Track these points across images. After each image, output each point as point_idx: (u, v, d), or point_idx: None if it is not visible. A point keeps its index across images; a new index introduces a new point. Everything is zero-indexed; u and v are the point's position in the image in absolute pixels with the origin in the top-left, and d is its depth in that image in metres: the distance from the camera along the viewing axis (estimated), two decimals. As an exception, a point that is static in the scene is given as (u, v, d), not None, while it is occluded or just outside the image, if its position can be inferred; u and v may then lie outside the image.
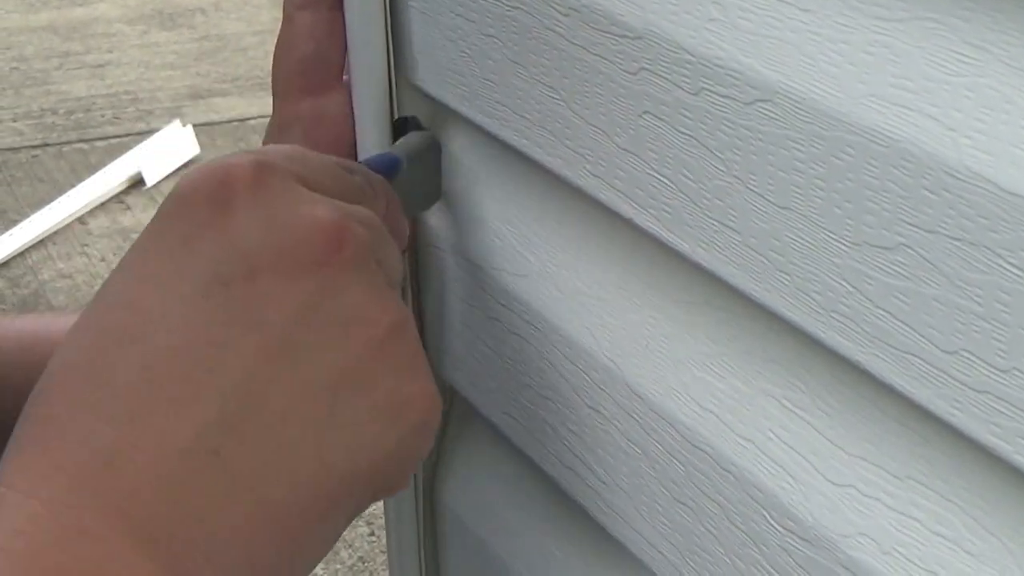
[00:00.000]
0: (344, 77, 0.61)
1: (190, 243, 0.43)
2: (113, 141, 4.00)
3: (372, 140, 0.60)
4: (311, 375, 0.43)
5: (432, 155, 0.60)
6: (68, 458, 0.39)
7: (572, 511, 0.58)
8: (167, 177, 3.75)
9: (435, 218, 0.63)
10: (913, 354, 0.38)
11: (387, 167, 0.55)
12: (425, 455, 0.46)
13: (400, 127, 0.61)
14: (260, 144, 0.62)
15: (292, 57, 0.61)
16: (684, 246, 0.47)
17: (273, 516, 0.41)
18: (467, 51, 0.56)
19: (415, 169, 0.57)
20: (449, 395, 0.68)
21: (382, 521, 2.00)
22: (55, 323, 0.67)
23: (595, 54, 0.48)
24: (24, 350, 0.65)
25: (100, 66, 4.52)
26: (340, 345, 0.44)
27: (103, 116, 4.17)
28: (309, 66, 0.61)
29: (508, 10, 0.52)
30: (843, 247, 0.40)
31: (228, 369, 0.41)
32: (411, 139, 0.59)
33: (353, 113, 0.61)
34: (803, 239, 0.41)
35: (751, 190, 0.43)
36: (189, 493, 0.40)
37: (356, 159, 0.61)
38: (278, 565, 0.42)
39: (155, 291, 0.42)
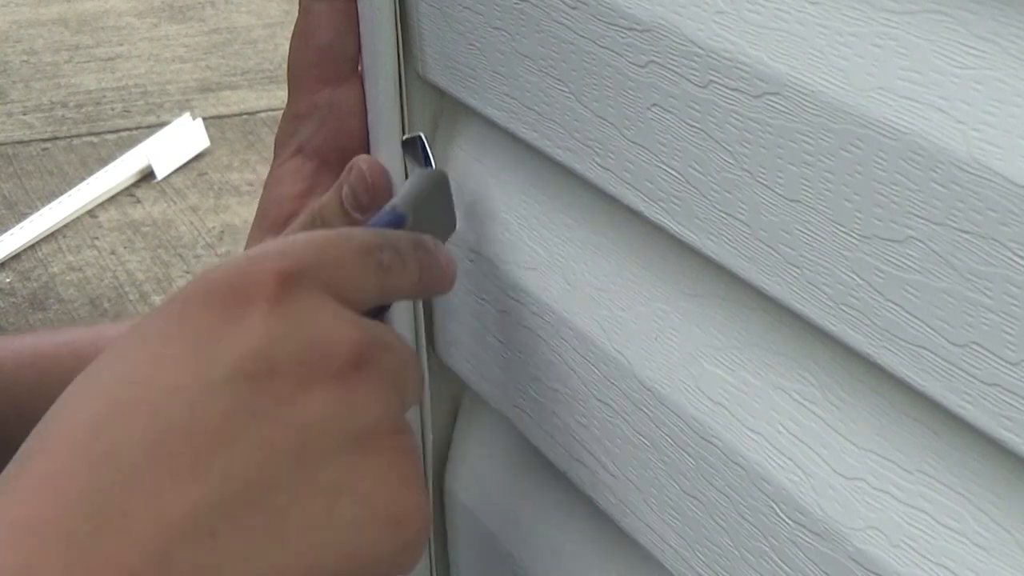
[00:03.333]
0: (360, 68, 0.61)
1: (211, 335, 0.43)
2: (123, 134, 4.01)
3: (383, 132, 0.60)
4: (315, 478, 0.43)
5: (441, 191, 0.58)
6: (57, 521, 0.40)
7: (581, 504, 0.58)
8: (177, 170, 3.75)
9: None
10: (923, 347, 0.38)
11: (393, 225, 0.54)
12: (411, 567, 0.47)
13: (408, 147, 0.60)
14: (271, 138, 0.62)
15: (310, 47, 0.61)
16: (694, 239, 0.47)
17: None
18: (475, 44, 0.56)
19: (425, 211, 0.56)
20: (458, 388, 0.68)
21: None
22: (51, 340, 0.67)
23: (603, 47, 0.48)
24: (22, 367, 0.65)
25: (110, 59, 4.53)
26: (347, 456, 0.44)
27: (113, 109, 4.18)
28: (327, 56, 0.61)
29: (516, 3, 0.52)
30: (852, 240, 0.40)
31: (236, 457, 0.42)
32: (415, 183, 0.57)
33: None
34: (812, 232, 0.41)
35: (760, 183, 0.43)
36: (176, 571, 0.40)
37: (369, 151, 0.61)
38: None
39: (175, 372, 0.43)
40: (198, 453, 0.41)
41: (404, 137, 0.60)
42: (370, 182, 0.58)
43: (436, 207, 0.57)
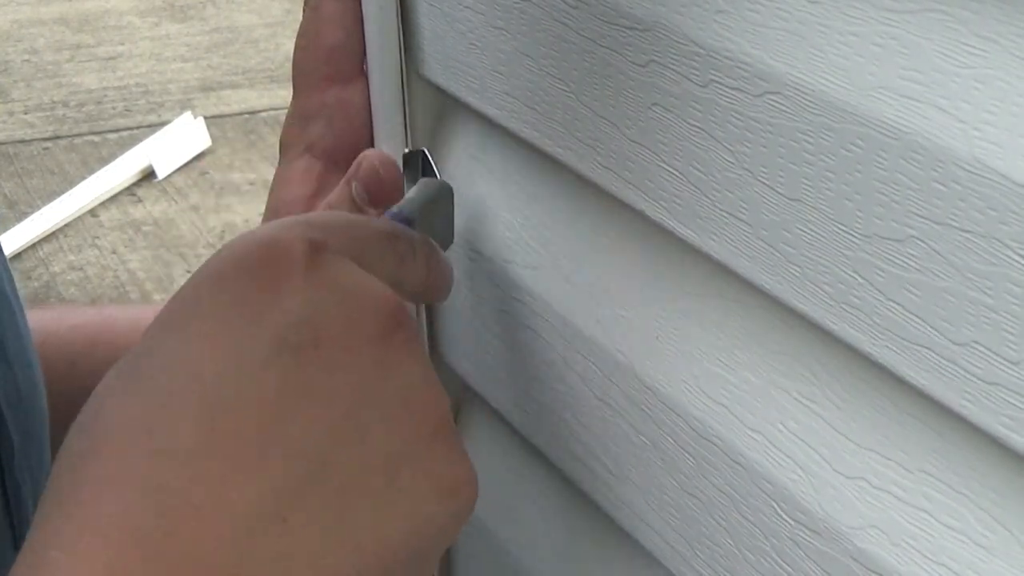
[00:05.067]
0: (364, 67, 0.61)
1: (250, 309, 0.42)
2: (124, 133, 4.01)
3: (385, 132, 0.60)
4: (372, 449, 0.42)
5: (445, 203, 0.58)
6: (127, 523, 0.39)
7: (582, 503, 0.58)
8: (178, 169, 3.76)
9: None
10: (924, 346, 0.38)
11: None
12: (455, 540, 0.46)
13: (410, 161, 0.60)
14: (272, 137, 0.62)
15: (319, 46, 0.60)
16: (695, 238, 0.47)
17: None
18: (476, 43, 0.56)
19: (429, 218, 0.56)
20: (458, 388, 0.68)
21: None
22: (57, 322, 0.67)
23: (604, 46, 0.48)
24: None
25: (111, 58, 4.53)
26: (400, 422, 0.43)
27: (114, 108, 4.18)
28: (336, 55, 0.60)
29: (517, 2, 0.52)
30: (853, 239, 0.40)
31: (294, 437, 0.41)
32: (423, 190, 0.57)
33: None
34: (813, 231, 0.41)
35: (761, 182, 0.43)
36: (254, 560, 0.39)
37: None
38: None
39: (218, 356, 0.42)
40: (256, 438, 0.40)
41: (406, 151, 0.60)
42: (382, 176, 0.57)
43: (439, 218, 0.57)
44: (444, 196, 0.58)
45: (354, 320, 0.43)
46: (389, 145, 0.61)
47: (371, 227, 0.48)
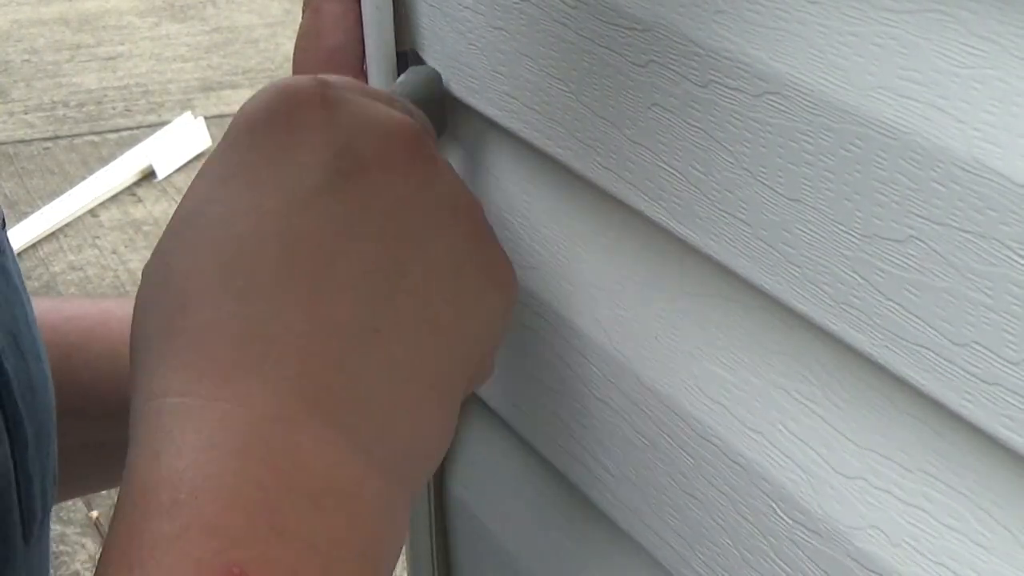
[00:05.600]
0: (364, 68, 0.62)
1: (291, 149, 0.44)
2: (124, 133, 4.01)
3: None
4: (436, 253, 0.45)
5: (433, 88, 0.60)
6: (237, 355, 0.41)
7: (581, 503, 0.58)
8: (178, 169, 3.75)
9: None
10: (924, 346, 0.38)
11: None
12: (506, 332, 0.50)
13: (400, 62, 0.61)
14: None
15: (320, 47, 0.61)
16: (694, 238, 0.47)
17: (430, 390, 0.44)
18: (476, 43, 0.56)
19: (417, 104, 0.57)
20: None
21: (394, 512, 2.00)
22: (56, 313, 0.67)
23: (603, 46, 0.48)
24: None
25: (111, 58, 4.53)
26: (451, 226, 0.46)
27: (114, 108, 4.18)
28: (337, 56, 0.61)
29: (517, 2, 0.52)
30: (853, 239, 0.40)
31: (366, 253, 0.43)
32: (410, 77, 0.59)
33: None
34: (813, 231, 0.41)
35: (761, 182, 0.43)
36: (363, 371, 0.42)
37: None
38: (436, 444, 0.45)
39: (276, 194, 0.43)
40: (333, 260, 0.42)
41: (398, 51, 0.61)
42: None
43: (428, 103, 0.59)
44: (431, 82, 0.59)
45: (386, 143, 0.46)
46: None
47: (372, 87, 0.51)
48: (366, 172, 0.44)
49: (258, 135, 0.45)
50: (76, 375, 0.64)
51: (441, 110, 0.60)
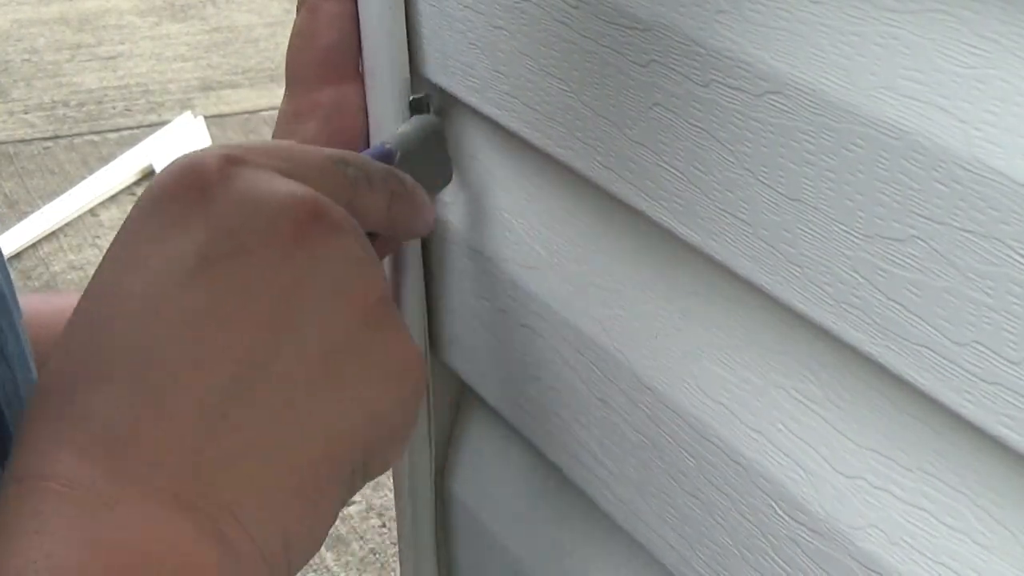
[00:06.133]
0: (360, 68, 0.61)
1: (173, 229, 0.44)
2: (124, 133, 4.01)
3: (387, 131, 0.60)
4: (308, 342, 0.43)
5: (435, 138, 0.59)
6: (86, 442, 0.41)
7: (581, 502, 0.58)
8: (178, 169, 3.75)
9: (445, 210, 0.63)
10: (924, 346, 0.38)
11: (380, 159, 0.54)
12: (414, 423, 0.47)
13: (414, 107, 0.61)
14: (271, 136, 0.62)
15: (315, 46, 0.61)
16: (695, 238, 0.47)
17: (289, 475, 0.43)
18: (477, 43, 0.56)
19: (415, 155, 0.56)
20: (458, 388, 0.68)
21: (393, 513, 1.99)
22: (47, 307, 0.67)
23: (605, 46, 0.48)
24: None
25: (111, 58, 4.53)
26: (332, 312, 0.44)
27: (114, 108, 4.18)
28: (332, 55, 0.61)
29: (517, 2, 0.52)
30: (854, 239, 0.40)
31: (224, 342, 0.42)
32: (410, 126, 0.58)
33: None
34: (814, 231, 0.41)
35: (762, 182, 0.43)
36: (209, 459, 0.41)
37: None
38: (299, 530, 0.43)
39: (144, 277, 0.43)
40: (188, 350, 0.42)
41: (412, 97, 0.60)
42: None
43: (428, 154, 0.58)
44: (432, 131, 0.59)
45: (270, 223, 0.44)
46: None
47: (315, 151, 0.49)
48: (244, 254, 0.43)
49: (154, 209, 0.45)
50: None
51: (445, 159, 0.59)
